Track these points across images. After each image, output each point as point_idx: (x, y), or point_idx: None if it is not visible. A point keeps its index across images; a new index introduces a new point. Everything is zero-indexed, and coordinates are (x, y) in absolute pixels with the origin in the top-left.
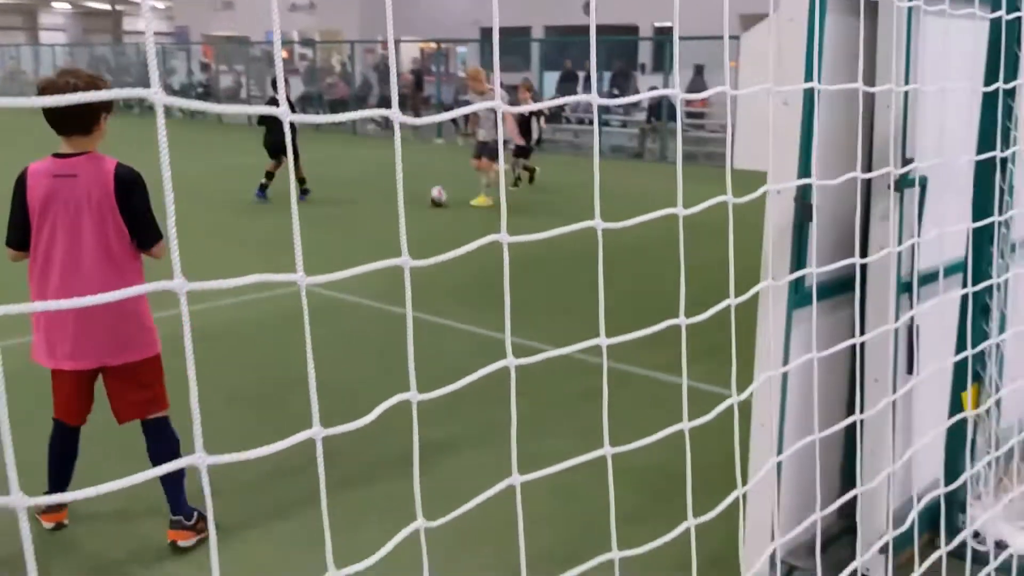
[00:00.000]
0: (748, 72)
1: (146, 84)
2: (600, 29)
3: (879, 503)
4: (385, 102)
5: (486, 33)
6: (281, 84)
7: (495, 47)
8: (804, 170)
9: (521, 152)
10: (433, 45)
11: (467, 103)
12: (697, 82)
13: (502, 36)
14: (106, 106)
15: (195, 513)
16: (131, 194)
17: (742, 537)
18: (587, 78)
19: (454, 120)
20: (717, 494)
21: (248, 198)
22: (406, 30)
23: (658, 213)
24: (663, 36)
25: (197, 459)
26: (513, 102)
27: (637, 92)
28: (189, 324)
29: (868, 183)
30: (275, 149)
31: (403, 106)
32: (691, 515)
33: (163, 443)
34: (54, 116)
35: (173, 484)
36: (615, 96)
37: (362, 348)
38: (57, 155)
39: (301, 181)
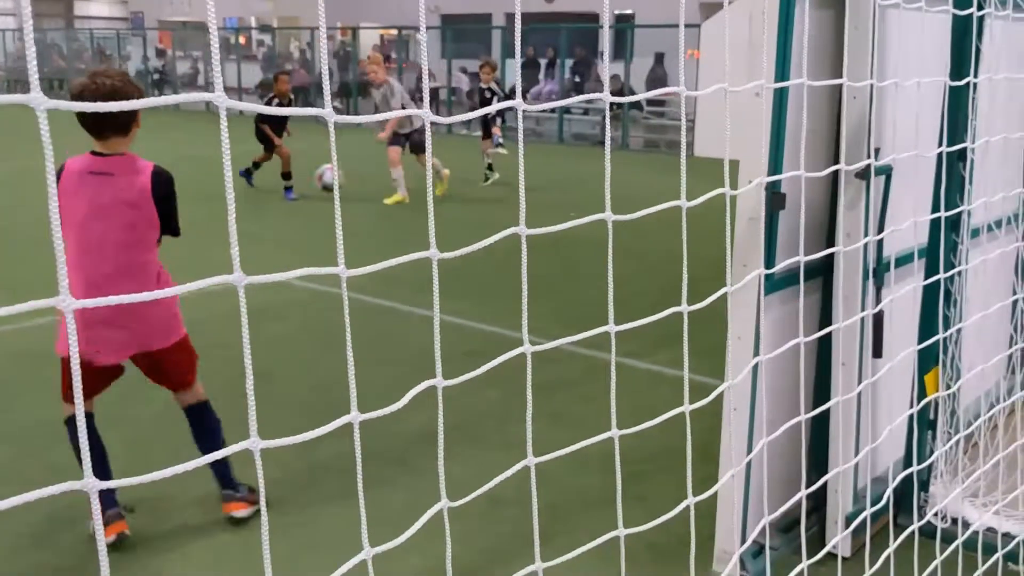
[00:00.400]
0: (710, 61)
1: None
2: (559, 16)
3: (846, 483)
4: (344, 89)
5: (447, 20)
6: (326, 81)
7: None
8: (775, 159)
9: (486, 130)
10: (393, 32)
11: (431, 91)
12: (657, 71)
13: (463, 22)
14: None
15: (244, 487)
16: (170, 194)
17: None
18: (548, 65)
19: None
20: (683, 476)
21: (214, 192)
22: (366, 17)
23: (662, 206)
24: (623, 24)
25: (251, 443)
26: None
27: (598, 79)
28: (246, 317)
29: (835, 172)
30: (267, 144)
31: (365, 94)
32: (691, 494)
33: (212, 426)
34: (92, 119)
35: (223, 463)
36: (576, 83)
37: (340, 338)
38: (95, 153)
39: (286, 176)
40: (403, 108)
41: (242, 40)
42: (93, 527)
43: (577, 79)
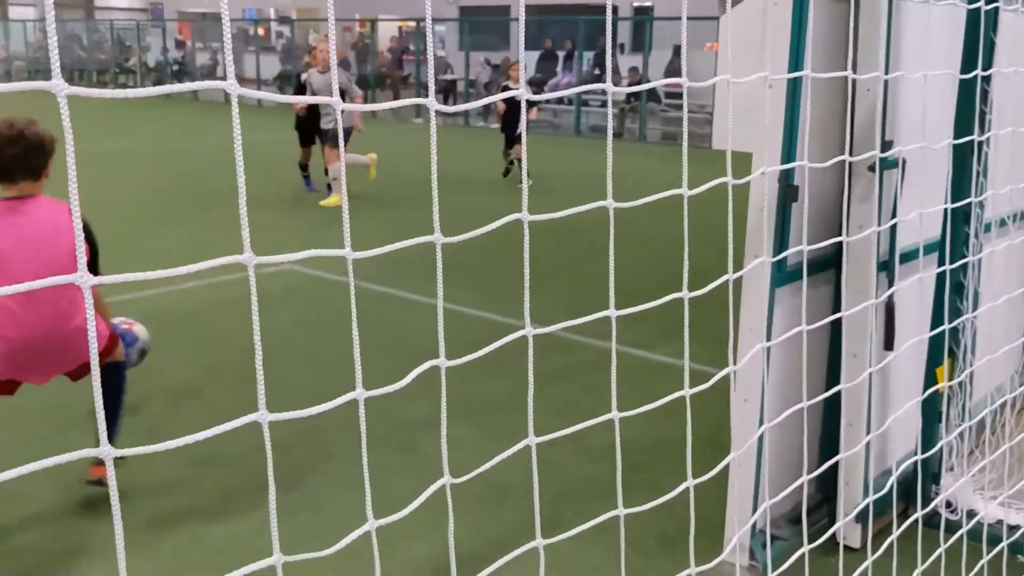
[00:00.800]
0: (728, 54)
1: (119, 61)
2: (579, 8)
3: (856, 473)
4: (363, 81)
5: (465, 12)
6: (334, 69)
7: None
8: (788, 151)
9: (510, 141)
10: (411, 24)
11: (449, 83)
12: (676, 63)
13: (482, 14)
14: (52, 151)
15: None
16: (89, 233)
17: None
18: (567, 57)
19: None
20: (695, 467)
21: (225, 184)
22: (384, 9)
23: (664, 194)
24: (642, 16)
25: (260, 416)
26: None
27: (618, 71)
28: (256, 295)
29: (849, 164)
30: (306, 137)
31: (383, 85)
32: (690, 476)
33: (121, 386)
34: (6, 163)
35: (113, 422)
36: (597, 76)
37: (344, 324)
38: (4, 198)
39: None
40: (343, 97)
41: (261, 32)
42: None
43: (597, 71)
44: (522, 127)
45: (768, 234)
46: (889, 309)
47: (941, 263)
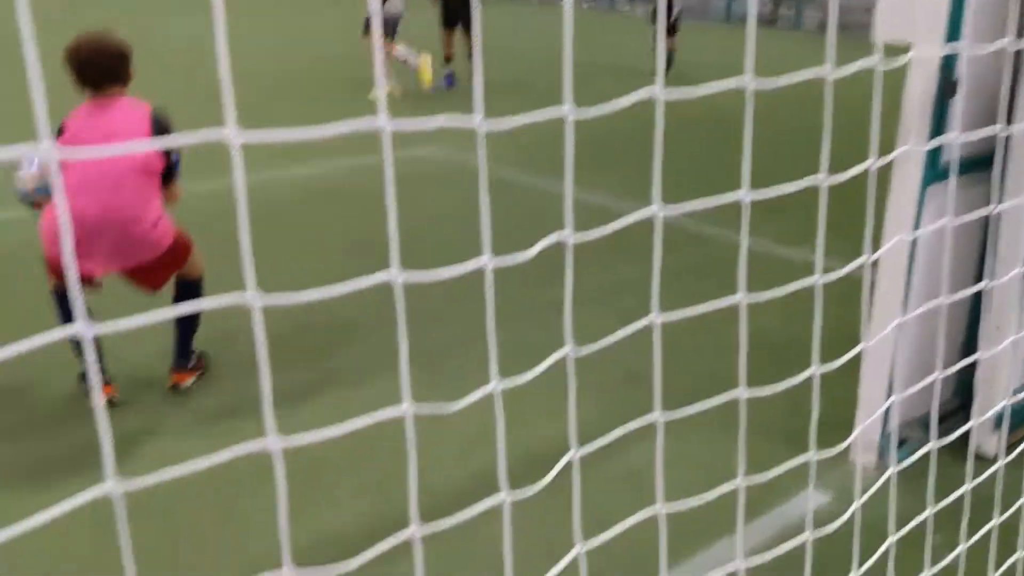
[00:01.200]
0: None
1: None
2: None
3: (999, 377)
4: None
5: None
6: None
7: None
8: (951, 40)
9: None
10: None
11: None
12: None
13: None
14: (131, 56)
15: (194, 356)
16: (166, 130)
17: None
18: None
19: None
20: (832, 363)
21: (352, 68)
22: None
23: (805, 73)
24: None
25: (391, 276)
26: None
27: None
28: (392, 169)
29: (1019, 51)
30: (449, 19)
31: None
32: (816, 361)
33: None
34: (96, 73)
35: (187, 332)
36: None
37: (476, 208)
38: (93, 100)
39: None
40: None
41: None
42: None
43: None
44: (660, 21)
45: (922, 127)
46: None
47: None
